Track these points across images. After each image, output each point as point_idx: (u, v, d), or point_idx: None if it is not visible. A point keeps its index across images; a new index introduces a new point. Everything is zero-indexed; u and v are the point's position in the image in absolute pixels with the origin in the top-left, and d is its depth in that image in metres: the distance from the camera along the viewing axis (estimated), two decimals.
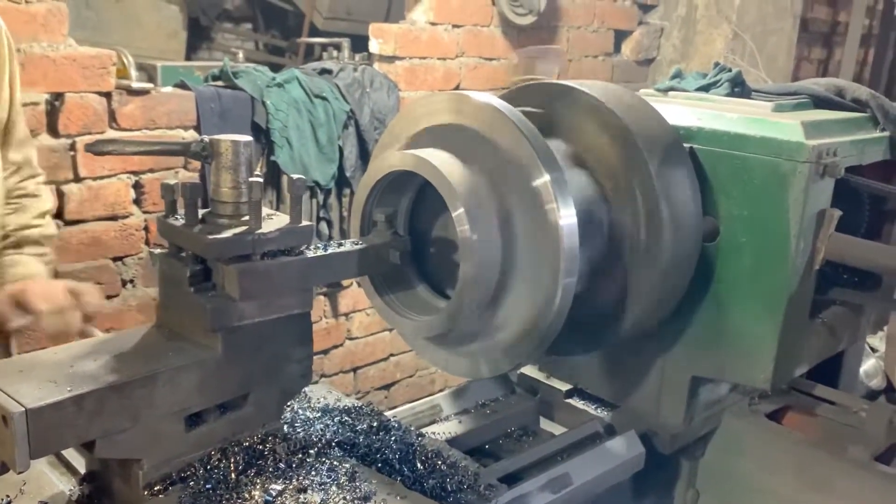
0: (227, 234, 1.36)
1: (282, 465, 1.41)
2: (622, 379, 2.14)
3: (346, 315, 3.85)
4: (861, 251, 1.96)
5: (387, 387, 4.14)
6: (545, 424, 2.19)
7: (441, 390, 2.18)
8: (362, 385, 4.00)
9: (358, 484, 1.41)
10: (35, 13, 2.67)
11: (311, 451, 1.46)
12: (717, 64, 2.30)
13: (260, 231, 1.37)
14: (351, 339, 3.91)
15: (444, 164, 1.56)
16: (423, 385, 4.25)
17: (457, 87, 4.02)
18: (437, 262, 1.74)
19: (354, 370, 3.96)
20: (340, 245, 1.55)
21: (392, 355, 4.10)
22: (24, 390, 1.23)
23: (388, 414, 1.90)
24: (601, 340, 1.92)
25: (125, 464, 1.36)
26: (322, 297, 3.72)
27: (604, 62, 4.81)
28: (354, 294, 3.80)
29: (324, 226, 3.47)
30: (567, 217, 1.52)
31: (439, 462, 1.61)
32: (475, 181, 1.55)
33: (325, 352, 3.79)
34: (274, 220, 1.42)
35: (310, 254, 1.46)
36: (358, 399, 1.82)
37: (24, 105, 2.66)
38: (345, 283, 3.74)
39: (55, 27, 2.73)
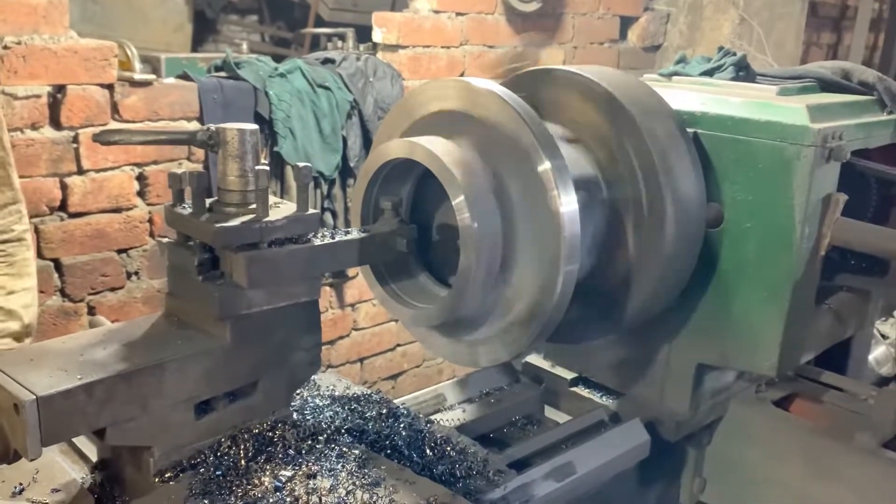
0: (235, 222, 1.38)
1: (291, 452, 1.44)
2: (627, 367, 2.15)
3: (352, 305, 3.87)
4: (868, 236, 1.96)
5: (394, 377, 4.16)
6: (550, 413, 2.20)
7: (449, 380, 2.19)
8: (369, 375, 4.02)
9: (367, 470, 1.43)
10: (36, 5, 2.69)
11: (321, 438, 1.49)
12: (721, 48, 2.28)
13: (267, 219, 1.40)
14: (357, 329, 3.93)
15: (444, 151, 1.57)
16: (430, 375, 4.27)
17: (461, 76, 4.03)
18: (438, 250, 1.76)
19: (361, 360, 3.99)
20: (347, 233, 1.57)
21: (399, 345, 4.13)
22: (35, 378, 1.26)
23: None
24: (604, 328, 1.93)
25: (136, 451, 1.39)
26: (328, 288, 3.73)
27: (609, 49, 4.80)
28: (360, 284, 3.81)
29: (328, 216, 3.48)
30: (568, 204, 1.53)
31: (448, 448, 1.63)
32: (475, 169, 1.57)
33: (332, 342, 3.82)
34: (281, 209, 1.44)
35: (317, 241, 1.48)
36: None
37: (27, 98, 2.71)
38: (350, 273, 3.75)
39: (56, 19, 2.75)
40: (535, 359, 2.31)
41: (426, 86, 1.73)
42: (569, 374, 2.25)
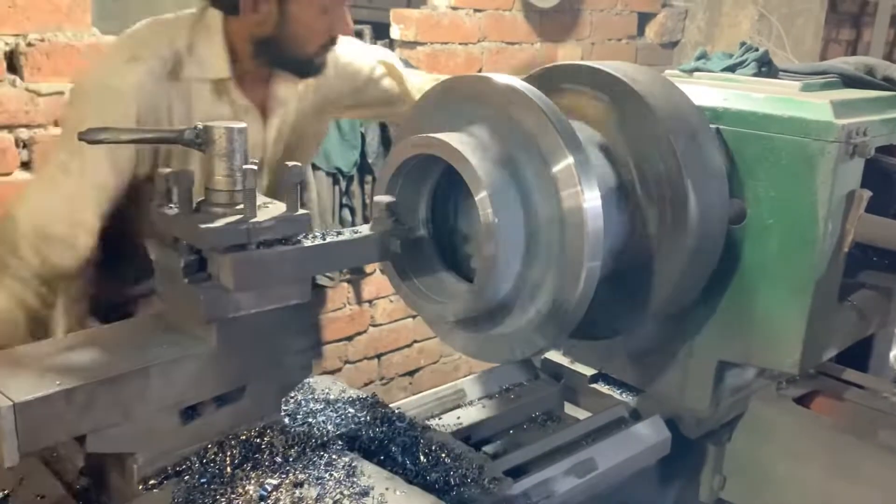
0: (221, 222, 1.29)
1: (279, 459, 1.35)
2: (648, 363, 2.08)
3: (369, 302, 3.81)
4: (892, 233, 1.90)
5: (411, 373, 4.10)
6: (570, 409, 2.14)
7: (468, 376, 2.12)
8: (386, 372, 3.97)
9: (356, 479, 1.34)
10: (58, 2, 2.62)
11: (310, 445, 1.40)
12: (743, 44, 2.20)
13: (255, 220, 1.30)
14: (375, 325, 3.87)
15: (466, 146, 1.50)
16: (447, 371, 4.20)
17: (479, 72, 3.92)
18: (460, 245, 1.71)
19: (378, 357, 3.93)
20: (339, 234, 1.48)
21: (416, 342, 4.06)
22: (13, 384, 1.18)
23: (409, 399, 1.87)
24: (626, 324, 1.86)
25: (120, 457, 1.31)
26: (346, 284, 3.68)
27: (627, 45, 4.68)
28: (378, 281, 3.76)
29: (346, 213, 3.43)
30: (591, 200, 1.46)
31: (443, 455, 1.56)
32: (498, 164, 1.50)
33: (350, 338, 3.76)
34: (270, 209, 1.35)
35: (307, 243, 1.38)
36: (382, 385, 1.75)
37: (50, 95, 2.64)
38: (368, 269, 3.71)
39: (79, 16, 2.69)
40: (554, 355, 2.24)
41: (446, 81, 1.67)
42: (588, 371, 2.18)
